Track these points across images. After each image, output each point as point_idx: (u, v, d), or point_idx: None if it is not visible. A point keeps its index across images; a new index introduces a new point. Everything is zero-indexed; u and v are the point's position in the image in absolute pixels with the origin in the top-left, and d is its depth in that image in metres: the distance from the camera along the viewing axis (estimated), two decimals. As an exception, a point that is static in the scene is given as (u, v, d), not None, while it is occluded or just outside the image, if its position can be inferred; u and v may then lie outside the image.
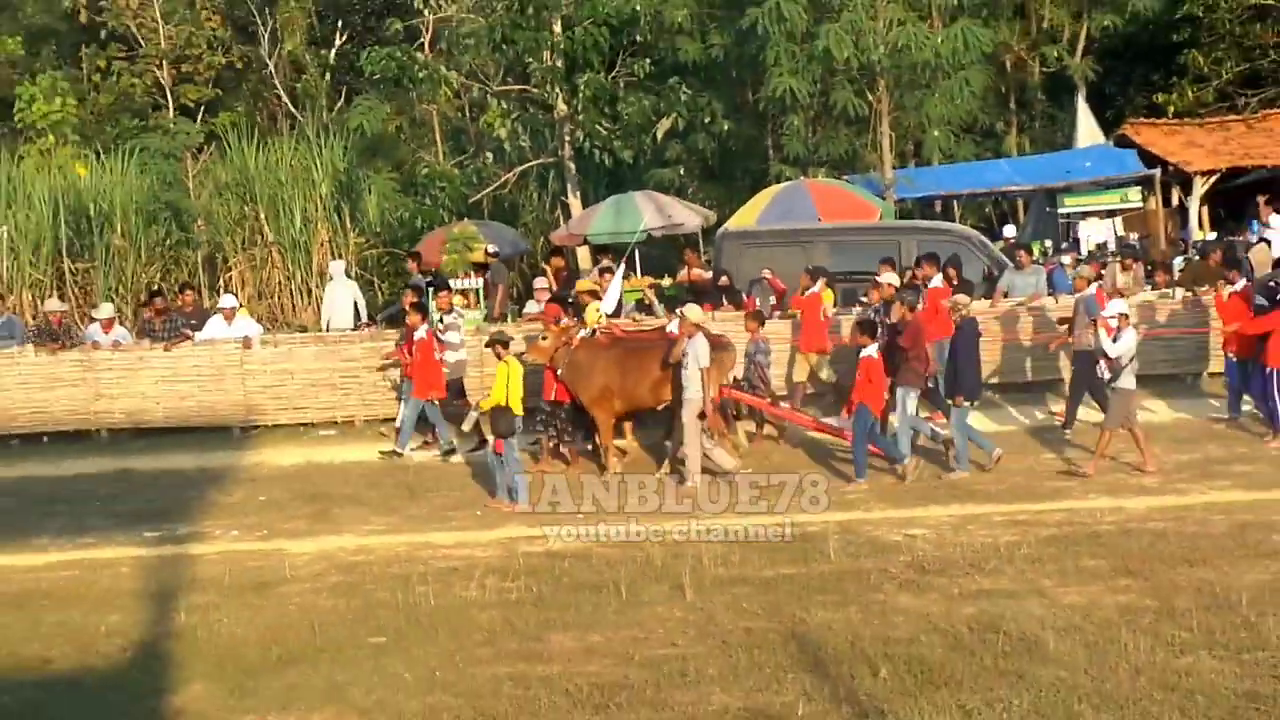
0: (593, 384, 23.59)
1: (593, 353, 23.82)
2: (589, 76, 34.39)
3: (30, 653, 15.63)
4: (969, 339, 22.75)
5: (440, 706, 13.24)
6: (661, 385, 23.32)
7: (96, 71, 53.35)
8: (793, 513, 19.94)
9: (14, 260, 38.08)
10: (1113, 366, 21.99)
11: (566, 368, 23.73)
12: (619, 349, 24.01)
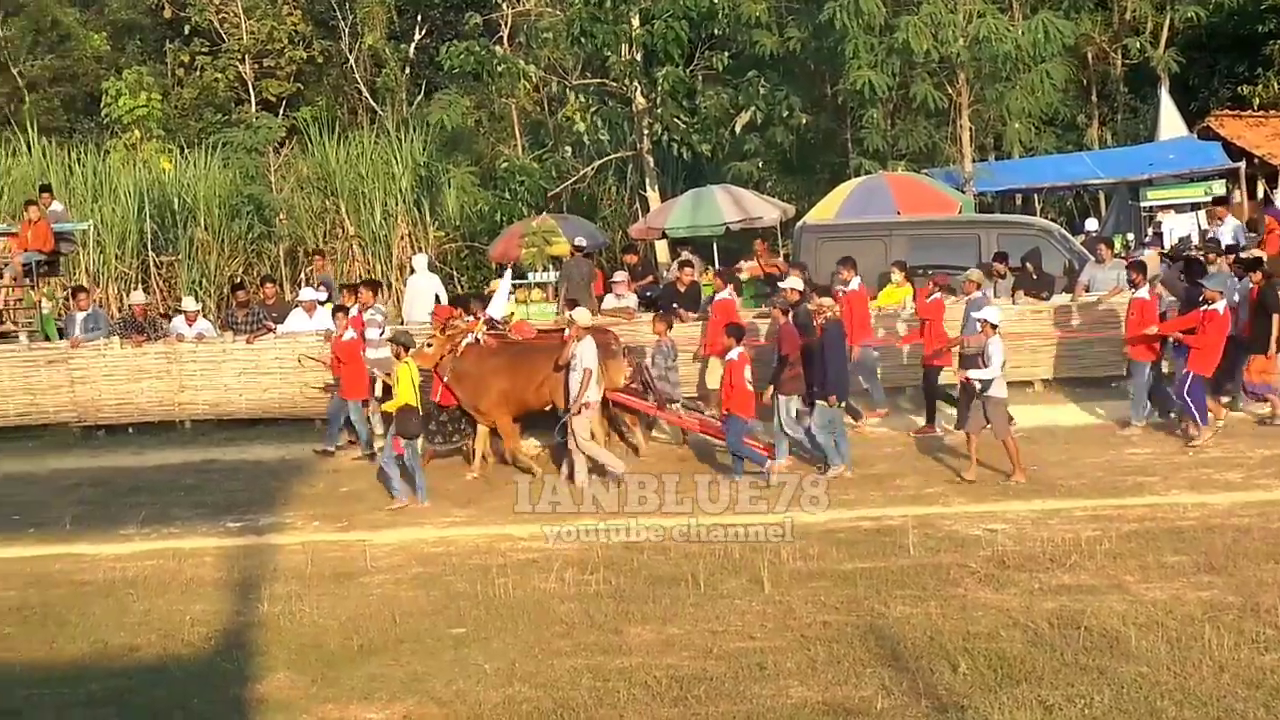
0: (487, 390, 23.67)
1: (479, 359, 23.90)
2: (668, 70, 34.44)
3: (117, 641, 15.79)
4: (835, 340, 22.67)
5: (519, 698, 13.30)
6: (546, 387, 23.45)
7: (180, 66, 53.74)
8: (870, 507, 20.00)
9: (100, 253, 38.48)
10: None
11: (453, 374, 23.82)
12: (506, 354, 24.05)
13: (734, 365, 22.55)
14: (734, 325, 23.42)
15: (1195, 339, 23.27)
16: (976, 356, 22.56)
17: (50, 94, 53.93)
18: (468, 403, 23.76)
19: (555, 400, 23.42)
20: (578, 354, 22.56)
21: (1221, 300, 23.33)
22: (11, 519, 22.30)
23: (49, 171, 40.84)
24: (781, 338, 23.33)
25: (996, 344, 21.61)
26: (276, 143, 47.17)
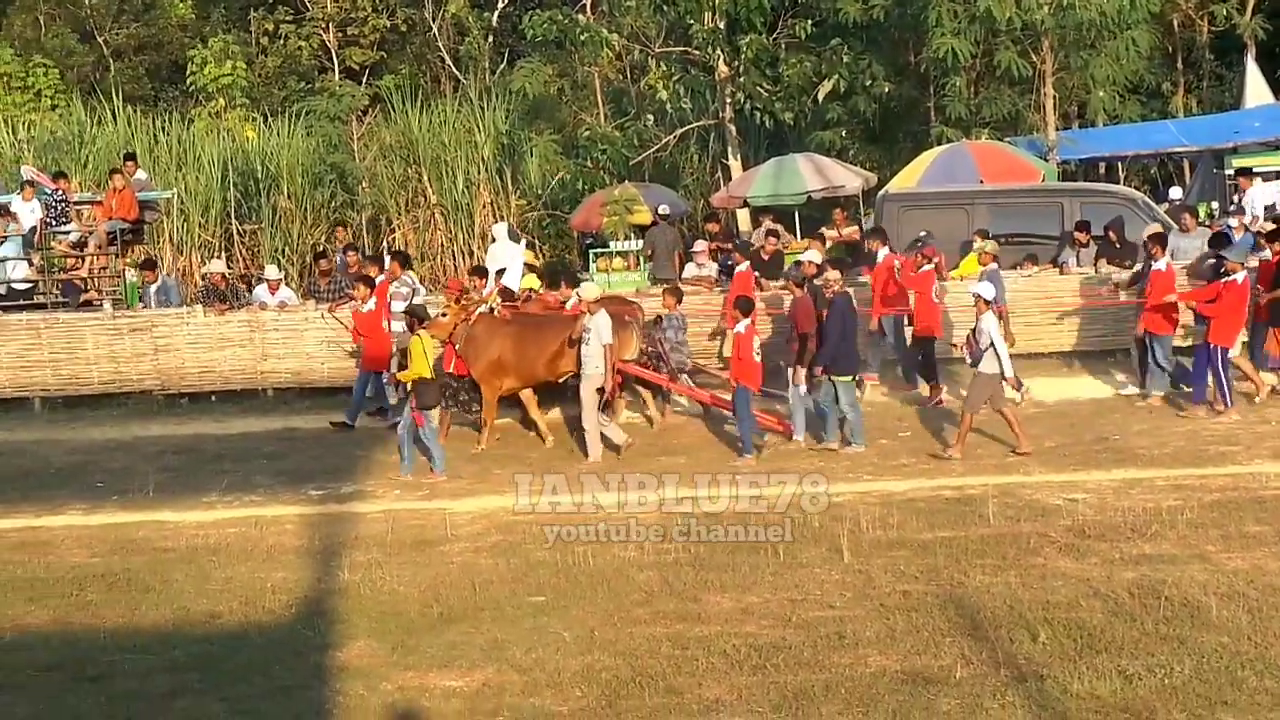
0: (484, 358, 23.88)
1: (490, 328, 24.12)
2: (750, 38, 34.30)
3: (199, 607, 15.92)
4: (842, 314, 22.66)
5: (598, 666, 13.34)
6: (557, 360, 23.64)
7: (264, 35, 53.92)
8: (951, 476, 19.97)
9: (184, 222, 38.69)
10: (973, 351, 21.91)
11: (464, 342, 23.99)
12: (516, 324, 24.26)
13: (741, 338, 22.69)
14: (743, 298, 23.50)
15: (1214, 309, 23.22)
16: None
17: (135, 62, 54.22)
18: (474, 371, 23.97)
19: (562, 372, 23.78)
20: (592, 328, 22.71)
21: (1242, 271, 23.24)
22: (96, 486, 22.51)
23: (134, 140, 41.05)
24: (797, 312, 23.52)
25: (990, 320, 21.66)
26: (359, 111, 47.29)
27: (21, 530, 19.87)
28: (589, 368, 22.74)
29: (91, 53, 53.99)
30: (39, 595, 16.53)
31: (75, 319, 29.05)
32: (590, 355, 22.72)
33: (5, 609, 16.10)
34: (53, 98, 46.94)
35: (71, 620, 15.71)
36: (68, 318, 28.92)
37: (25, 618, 15.81)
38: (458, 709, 12.51)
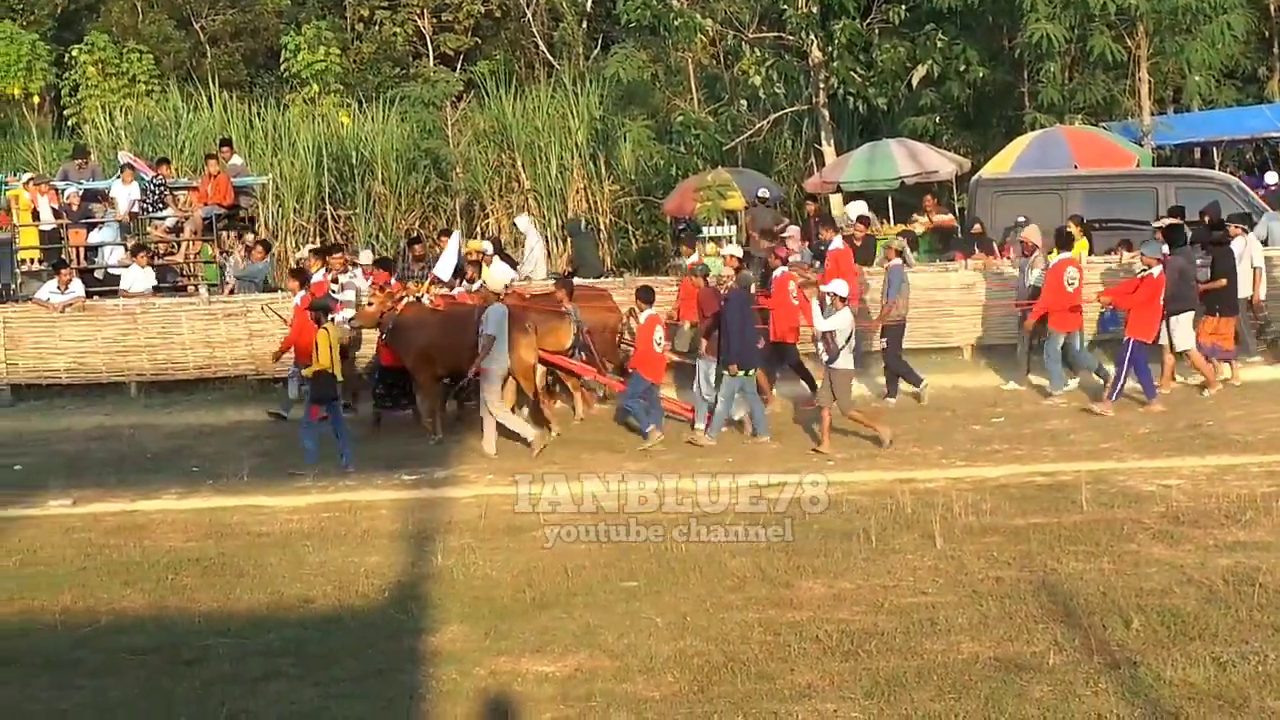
0: (413, 347, 24.03)
1: (417, 317, 24.29)
2: (844, 23, 34.19)
3: (293, 592, 16.00)
4: (738, 308, 22.77)
5: (691, 651, 13.33)
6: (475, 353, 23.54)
7: (359, 21, 54.20)
8: (1044, 462, 19.88)
9: (279, 207, 38.93)
10: (829, 346, 21.92)
11: (391, 332, 24.21)
12: (444, 314, 24.44)
13: (642, 328, 23.08)
14: (644, 288, 23.92)
15: (1131, 303, 23.46)
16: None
17: (231, 49, 54.62)
18: (404, 360, 24.23)
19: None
20: (484, 319, 22.96)
21: (1158, 266, 23.32)
22: (191, 470, 22.68)
23: (229, 126, 41.36)
24: (700, 302, 23.78)
25: (844, 317, 21.78)
26: (453, 97, 47.43)
27: (118, 514, 20.04)
28: (487, 361, 23.01)
29: (188, 39, 54.41)
30: (135, 579, 16.66)
31: (171, 304, 29.33)
32: (481, 347, 22.99)
33: (102, 592, 16.23)
34: (148, 84, 47.28)
35: (166, 604, 15.82)
36: (164, 303, 29.19)
37: (121, 601, 15.94)
38: (550, 694, 12.53)
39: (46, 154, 42.08)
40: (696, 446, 22.64)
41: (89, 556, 17.78)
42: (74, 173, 33.20)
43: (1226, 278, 24.72)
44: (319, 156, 40.27)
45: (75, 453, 24.85)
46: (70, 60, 48.02)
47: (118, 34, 51.06)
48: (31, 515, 20.25)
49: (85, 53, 47.33)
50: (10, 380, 29.61)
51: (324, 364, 22.21)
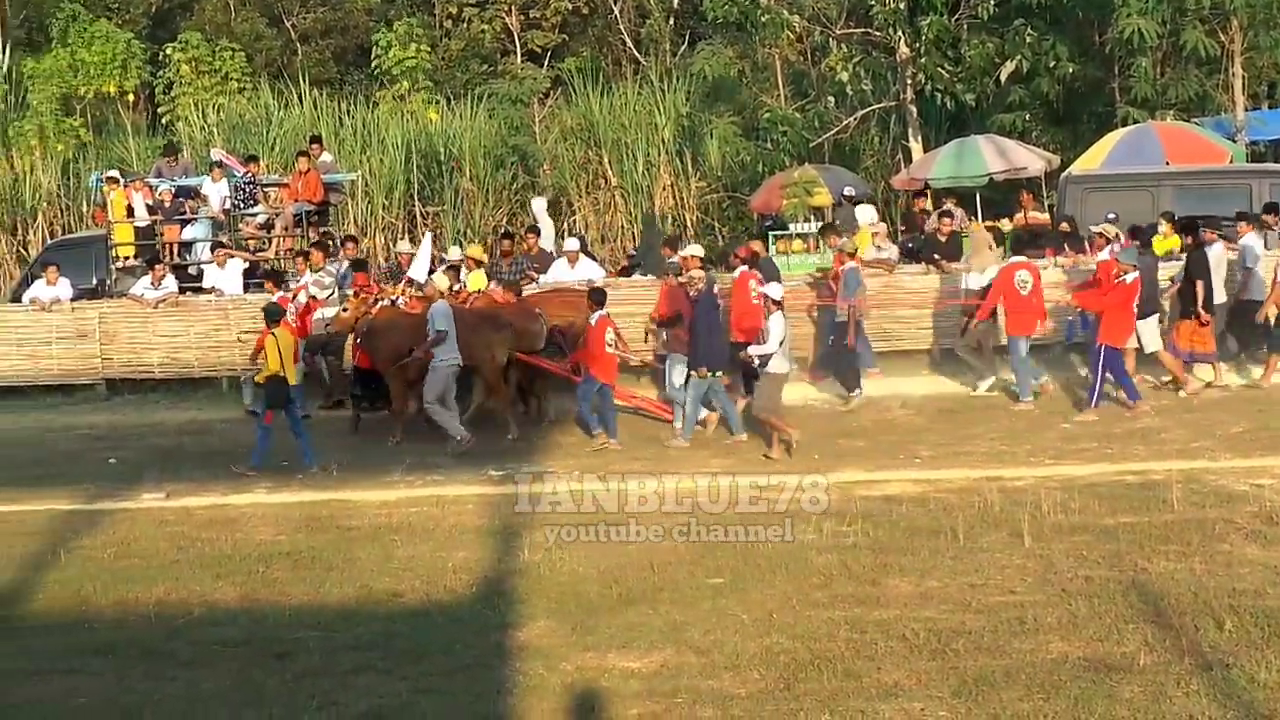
0: (384, 350, 24.23)
1: (390, 320, 24.55)
2: (932, 19, 34.04)
3: (381, 586, 16.11)
4: (707, 311, 22.93)
5: (777, 648, 13.34)
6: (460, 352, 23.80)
7: (448, 18, 54.28)
8: (1134, 461, 19.79)
9: (368, 204, 39.10)
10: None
11: (365, 335, 24.49)
12: (417, 317, 24.44)
13: (592, 330, 23.32)
14: (596, 290, 24.35)
15: (1103, 306, 23.50)
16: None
17: (322, 46, 54.82)
18: (375, 363, 24.52)
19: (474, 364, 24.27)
20: (430, 316, 23.37)
21: (1134, 272, 23.30)
22: (281, 465, 22.84)
23: (319, 123, 41.59)
24: (668, 301, 23.94)
25: (776, 320, 21.79)
26: (541, 94, 47.51)
27: (210, 508, 20.24)
28: (437, 358, 23.36)
29: (279, 37, 54.68)
30: (226, 572, 16.83)
31: (262, 300, 29.48)
32: (437, 348, 23.39)
33: (194, 584, 16.40)
34: (240, 81, 47.57)
35: (258, 597, 15.97)
36: (255, 299, 29.36)
37: (213, 594, 16.10)
38: (636, 690, 12.57)
39: (141, 151, 42.38)
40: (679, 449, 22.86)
41: (182, 549, 17.98)
42: (166, 170, 33.50)
43: (1201, 281, 24.62)
44: (408, 153, 40.41)
45: (169, 447, 25.11)
46: (164, 58, 48.32)
47: (210, 32, 51.35)
48: (126, 508, 20.50)
49: (179, 51, 47.63)
50: (105, 375, 29.99)
51: (274, 368, 22.58)
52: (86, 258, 32.03)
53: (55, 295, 30.04)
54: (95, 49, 47.21)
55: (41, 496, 21.37)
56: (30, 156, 42.53)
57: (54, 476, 22.88)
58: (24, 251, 40.88)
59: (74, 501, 21.05)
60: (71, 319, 29.99)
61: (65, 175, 42.24)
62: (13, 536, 18.98)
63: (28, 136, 42.95)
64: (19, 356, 30.15)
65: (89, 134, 44.64)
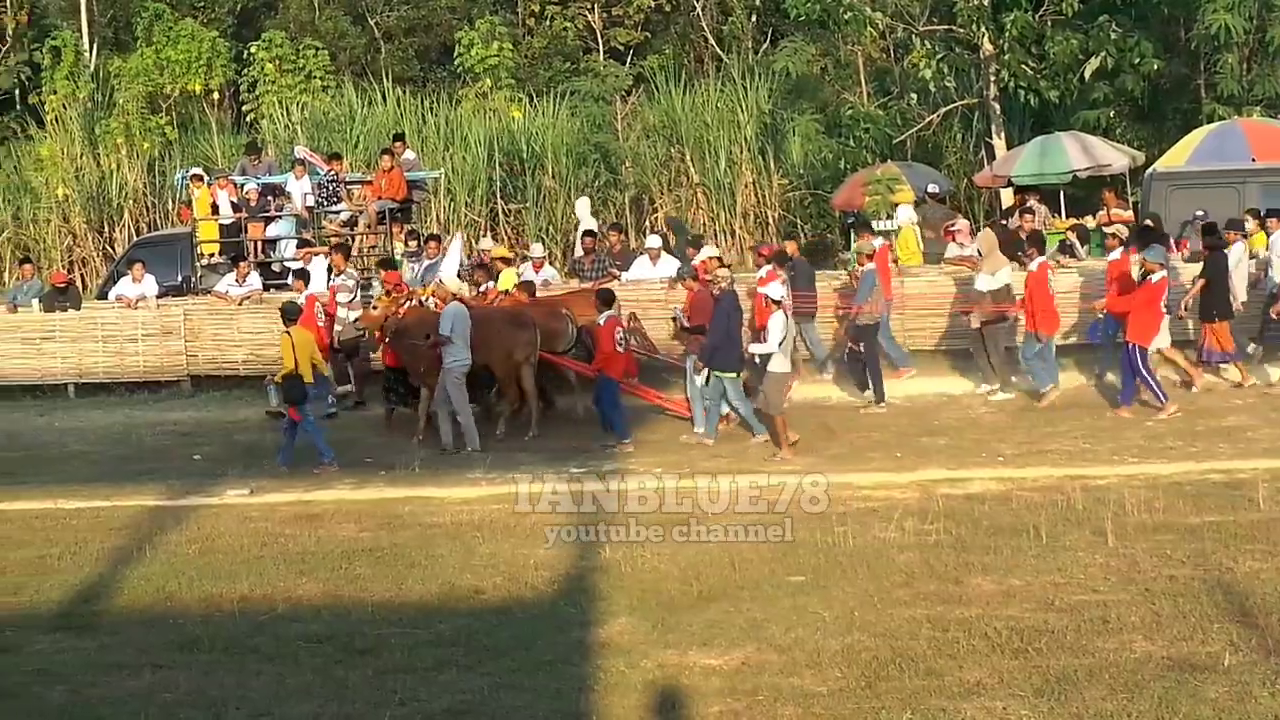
0: (411, 351, 24.26)
1: (419, 320, 24.39)
2: (1016, 15, 33.89)
3: (463, 582, 16.16)
4: (727, 312, 22.77)
5: (858, 646, 13.32)
6: (477, 352, 23.90)
7: (531, 16, 54.49)
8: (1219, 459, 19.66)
9: (450, 201, 39.23)
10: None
11: (394, 335, 24.45)
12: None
13: (602, 330, 23.34)
14: (603, 290, 24.48)
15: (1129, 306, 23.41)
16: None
17: (405, 44, 55.10)
18: (403, 362, 24.65)
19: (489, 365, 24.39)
20: (441, 319, 23.38)
21: (1160, 271, 23.15)
22: (364, 462, 22.97)
23: (402, 120, 41.82)
24: (693, 305, 23.97)
25: (777, 319, 21.79)
26: (623, 91, 47.56)
27: (293, 504, 20.36)
28: (448, 360, 23.34)
29: (363, 35, 54.98)
30: (309, 568, 16.92)
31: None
32: (449, 349, 23.35)
33: (278, 580, 16.50)
34: (324, 80, 47.81)
35: (340, 593, 16.05)
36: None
37: (296, 590, 16.19)
38: (717, 687, 12.57)
39: (225, 149, 42.75)
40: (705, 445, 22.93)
41: (266, 545, 18.08)
42: (250, 168, 33.73)
43: (1218, 282, 24.62)
44: (490, 151, 40.55)
45: (252, 443, 25.26)
46: (249, 57, 48.61)
47: (295, 31, 51.70)
48: (210, 504, 20.64)
49: (263, 49, 47.91)
50: (191, 371, 30.20)
51: (289, 367, 22.74)
52: (172, 255, 32.31)
53: (141, 292, 30.31)
54: (181, 48, 47.57)
55: (127, 492, 21.55)
56: (117, 155, 42.97)
57: (140, 473, 23.06)
58: (110, 249, 41.31)
59: (159, 497, 21.23)
60: (157, 316, 30.25)
61: (151, 173, 42.66)
62: (100, 532, 19.13)
63: (114, 135, 43.31)
64: (105, 353, 30.40)
65: (174, 132, 44.98)
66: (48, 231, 42.48)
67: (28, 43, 50.13)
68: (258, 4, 57.03)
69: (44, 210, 42.64)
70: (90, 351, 30.49)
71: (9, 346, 30.75)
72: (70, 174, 42.57)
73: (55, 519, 20.09)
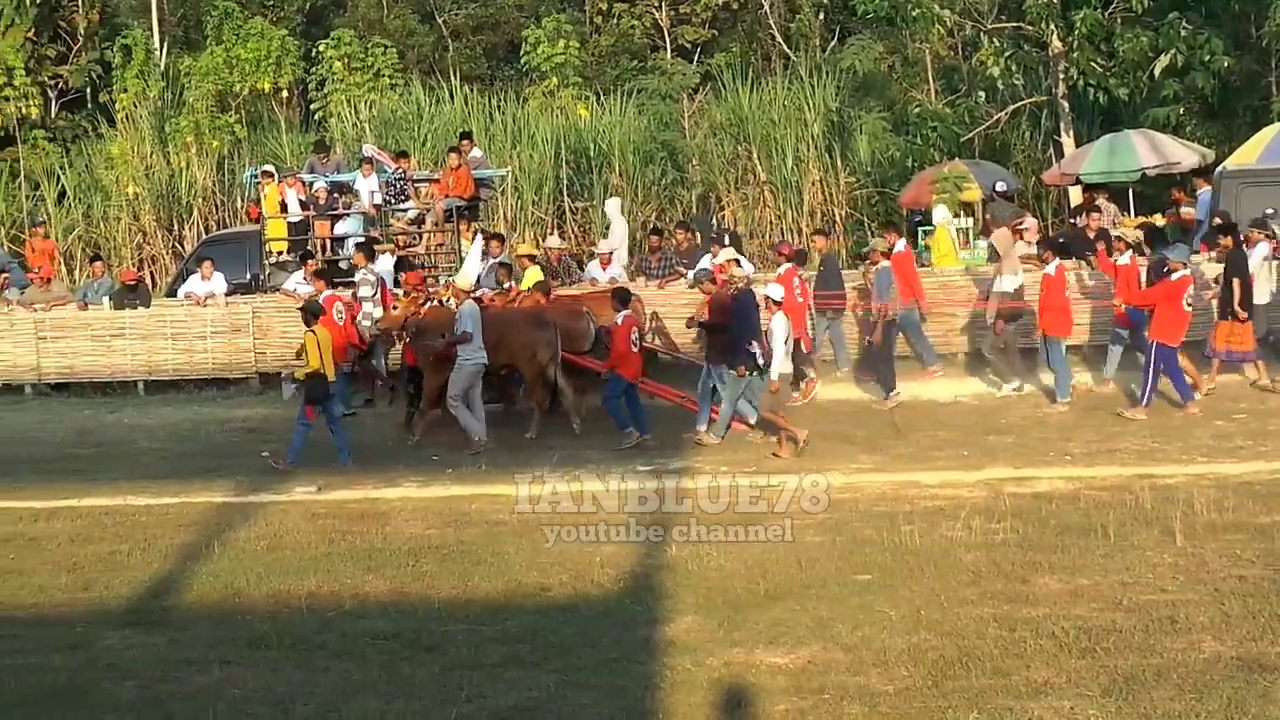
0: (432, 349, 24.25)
1: (439, 320, 24.46)
2: (1085, 12, 33.74)
3: (530, 580, 16.18)
4: (745, 310, 22.70)
5: (925, 646, 13.29)
6: (496, 351, 24.09)
7: (598, 14, 54.58)
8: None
9: (517, 199, 39.32)
10: (765, 352, 22.00)
11: (414, 334, 24.55)
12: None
13: (618, 329, 23.36)
14: (620, 290, 24.49)
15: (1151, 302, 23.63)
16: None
17: (473, 42, 55.28)
18: (421, 363, 24.71)
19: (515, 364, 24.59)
20: (458, 317, 23.53)
21: (1184, 269, 23.35)
22: (431, 460, 23.04)
23: (470, 119, 41.94)
24: (710, 307, 23.72)
25: (779, 321, 21.92)
26: (690, 89, 47.57)
27: (360, 502, 20.44)
28: (461, 357, 23.50)
29: (431, 33, 55.18)
30: (377, 565, 16.98)
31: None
32: (464, 346, 23.46)
33: (345, 577, 16.56)
34: (392, 78, 47.99)
35: (408, 590, 16.10)
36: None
37: (364, 587, 16.25)
38: (783, 686, 12.56)
39: (294, 147, 42.96)
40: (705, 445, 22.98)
41: (333, 542, 18.16)
42: (319, 166, 33.85)
43: (1239, 280, 24.56)
44: (557, 149, 40.65)
45: (320, 440, 25.34)
46: (317, 55, 48.87)
47: (363, 29, 51.93)
48: (279, 501, 20.75)
49: (332, 48, 48.14)
50: (259, 368, 30.39)
51: (314, 365, 22.89)
52: (241, 253, 32.47)
53: (210, 290, 30.52)
54: (250, 46, 47.83)
55: (196, 489, 21.68)
56: (186, 153, 43.27)
57: (209, 469, 23.18)
58: (180, 247, 41.57)
59: (228, 494, 21.36)
60: (226, 313, 30.50)
61: (220, 171, 42.89)
62: (169, 528, 19.25)
63: (184, 133, 43.63)
64: (175, 351, 30.63)
65: (243, 130, 45.27)
66: (118, 229, 42.85)
67: (99, 42, 50.40)
68: (327, 2, 57.33)
69: (114, 208, 42.99)
70: (160, 349, 30.72)
71: (80, 344, 31.02)
72: (140, 172, 42.93)
73: (125, 515, 20.22)
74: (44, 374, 31.25)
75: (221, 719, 12.45)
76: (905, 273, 26.28)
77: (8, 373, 31.32)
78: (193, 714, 12.57)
